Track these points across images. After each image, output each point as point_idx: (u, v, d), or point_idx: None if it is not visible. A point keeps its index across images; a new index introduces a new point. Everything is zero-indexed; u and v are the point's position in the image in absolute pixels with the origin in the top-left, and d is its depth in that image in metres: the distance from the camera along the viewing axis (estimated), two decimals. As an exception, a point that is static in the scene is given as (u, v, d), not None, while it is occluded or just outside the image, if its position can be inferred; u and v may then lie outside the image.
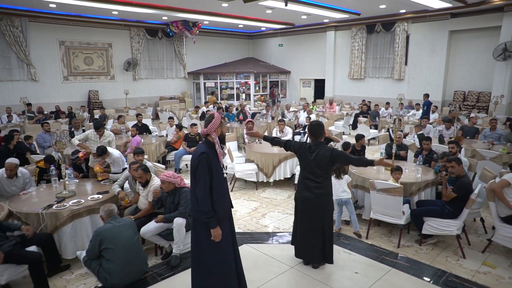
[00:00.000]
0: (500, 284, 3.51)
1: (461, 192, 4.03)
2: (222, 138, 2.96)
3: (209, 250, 2.89)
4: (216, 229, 2.81)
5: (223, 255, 2.93)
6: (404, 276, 3.56)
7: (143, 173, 4.11)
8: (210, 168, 2.80)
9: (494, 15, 11.82)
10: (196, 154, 2.84)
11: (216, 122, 2.88)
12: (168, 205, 3.98)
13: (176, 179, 3.97)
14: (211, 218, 2.78)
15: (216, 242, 2.85)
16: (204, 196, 2.78)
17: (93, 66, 14.94)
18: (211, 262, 2.90)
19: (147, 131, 8.86)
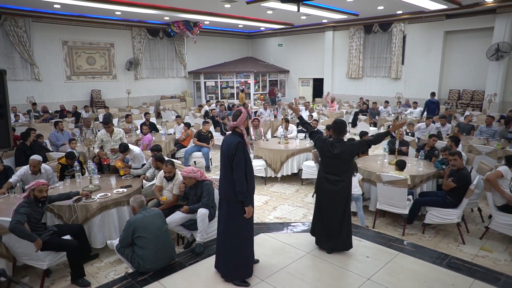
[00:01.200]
0: (496, 266, 3.86)
1: (461, 183, 4.37)
2: (247, 130, 3.45)
3: (242, 226, 3.42)
4: (250, 207, 3.33)
5: (251, 231, 3.52)
6: (411, 259, 3.90)
7: (172, 168, 4.40)
8: (245, 156, 3.27)
9: (487, 16, 12.24)
10: (232, 143, 3.27)
11: (244, 116, 3.35)
12: (191, 197, 4.27)
13: (196, 173, 4.25)
14: (247, 197, 3.28)
15: (247, 219, 3.38)
16: (242, 179, 3.25)
17: (96, 66, 15.13)
18: (243, 237, 3.45)
19: (154, 129, 9.13)
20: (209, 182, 4.33)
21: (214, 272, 3.72)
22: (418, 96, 13.93)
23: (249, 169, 3.33)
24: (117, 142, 5.75)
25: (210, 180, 4.36)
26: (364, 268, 3.74)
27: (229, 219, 3.42)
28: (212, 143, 8.00)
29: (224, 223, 3.46)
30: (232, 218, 3.41)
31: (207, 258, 4.02)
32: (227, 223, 3.44)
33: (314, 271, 3.71)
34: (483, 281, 3.49)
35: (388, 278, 3.58)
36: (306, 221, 5.09)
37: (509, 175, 4.35)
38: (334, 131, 3.93)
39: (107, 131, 5.70)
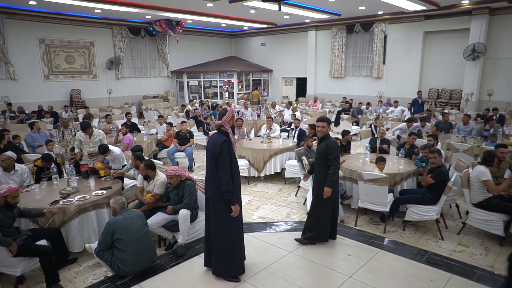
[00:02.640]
0: (473, 260, 3.96)
1: (439, 180, 4.47)
2: (233, 128, 3.43)
3: (229, 226, 3.41)
4: (236, 206, 3.33)
5: (239, 229, 3.49)
6: (392, 256, 3.96)
7: (144, 168, 4.34)
8: (230, 155, 3.27)
9: (464, 17, 12.57)
10: (217, 142, 3.28)
11: (229, 115, 3.36)
12: (173, 198, 4.20)
13: (181, 171, 4.20)
14: (232, 196, 3.28)
15: (234, 218, 3.38)
16: (227, 178, 3.26)
17: (75, 65, 14.78)
18: (231, 235, 3.43)
19: (136, 130, 8.98)
20: (192, 182, 4.28)
21: (196, 274, 3.69)
22: (399, 95, 14.19)
23: (235, 168, 3.34)
24: (96, 144, 5.64)
25: (193, 180, 4.31)
26: (346, 266, 3.78)
27: (216, 218, 3.42)
28: (191, 143, 7.91)
29: (212, 222, 3.47)
30: (219, 217, 3.42)
31: (189, 259, 3.98)
32: (214, 221, 3.44)
33: (296, 270, 3.71)
34: (460, 276, 3.58)
35: (369, 275, 3.62)
36: (289, 220, 5.10)
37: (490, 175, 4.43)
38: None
39: (86, 134, 5.62)
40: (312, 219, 4.19)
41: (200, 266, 3.81)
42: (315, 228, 4.18)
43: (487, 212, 4.36)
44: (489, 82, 12.60)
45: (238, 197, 3.42)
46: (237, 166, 3.40)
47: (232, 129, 3.43)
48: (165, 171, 4.18)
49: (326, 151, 3.97)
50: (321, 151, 4.05)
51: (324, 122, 4.13)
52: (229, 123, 3.39)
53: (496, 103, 11.40)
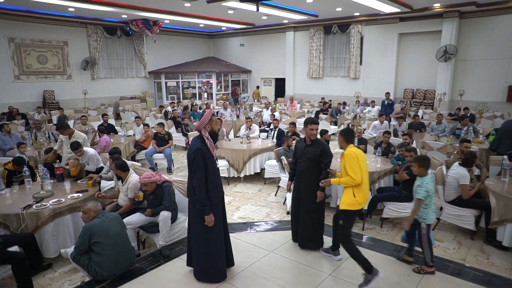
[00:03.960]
0: (446, 254, 4.10)
1: (414, 177, 4.56)
2: (213, 134, 3.27)
3: (204, 234, 3.29)
4: (210, 216, 3.20)
5: (216, 238, 3.33)
6: (370, 253, 4.03)
7: (114, 167, 4.26)
8: (205, 162, 3.15)
9: (436, 20, 13.01)
10: (192, 149, 3.18)
11: (204, 119, 3.20)
12: (151, 201, 4.13)
13: (155, 177, 4.10)
14: (205, 206, 3.16)
15: (209, 227, 3.25)
16: (199, 187, 3.14)
17: (48, 65, 14.31)
18: (209, 241, 3.31)
19: (113, 131, 8.78)
20: (169, 183, 4.22)
21: (176, 276, 3.64)
22: (376, 95, 14.51)
23: (212, 176, 3.21)
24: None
25: (169, 181, 4.25)
26: (326, 264, 3.83)
27: (195, 222, 3.36)
28: (170, 145, 7.81)
29: (191, 225, 3.43)
30: (196, 221, 3.34)
31: (169, 261, 3.93)
32: (193, 225, 3.39)
33: (276, 269, 3.73)
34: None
35: (348, 272, 3.68)
36: (269, 220, 5.12)
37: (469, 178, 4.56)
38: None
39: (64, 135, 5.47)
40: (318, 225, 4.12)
41: (181, 268, 3.77)
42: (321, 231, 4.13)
43: (460, 208, 4.52)
44: (461, 83, 13.09)
45: (216, 206, 3.27)
46: (215, 174, 3.25)
47: (212, 135, 3.25)
48: (139, 179, 4.05)
49: (321, 154, 3.90)
50: (314, 154, 3.93)
51: (316, 124, 4.02)
52: (207, 128, 3.20)
53: (467, 102, 11.86)
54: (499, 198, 4.15)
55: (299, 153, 4.09)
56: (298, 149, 4.13)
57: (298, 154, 4.11)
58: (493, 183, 4.62)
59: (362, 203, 3.47)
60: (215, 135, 3.33)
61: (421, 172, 3.58)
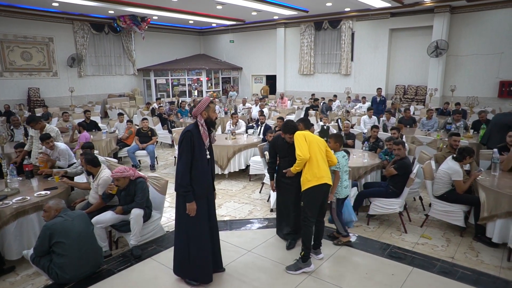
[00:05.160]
0: (434, 252, 3.90)
1: (402, 171, 4.40)
2: (209, 122, 3.11)
3: (186, 223, 3.12)
4: (191, 204, 3.03)
5: (198, 231, 3.13)
6: (354, 252, 3.83)
7: (84, 163, 4.00)
8: (193, 146, 2.99)
9: (427, 15, 12.86)
10: (182, 132, 3.06)
11: (201, 105, 3.06)
12: (123, 198, 3.88)
13: (129, 172, 3.87)
14: (187, 192, 3.00)
15: (192, 217, 3.06)
16: (183, 171, 3.00)
17: (33, 62, 13.94)
18: (188, 234, 3.13)
19: (96, 128, 8.49)
20: (143, 179, 3.98)
21: (146, 278, 3.41)
22: (367, 91, 14.32)
23: (198, 164, 3.04)
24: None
25: (143, 177, 4.00)
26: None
27: (177, 213, 3.20)
28: (154, 141, 7.56)
29: (175, 216, 3.25)
30: (179, 213, 3.17)
31: (140, 262, 3.68)
32: (176, 216, 3.22)
33: (253, 270, 3.51)
34: (421, 268, 3.49)
35: (329, 272, 3.47)
36: (251, 218, 4.90)
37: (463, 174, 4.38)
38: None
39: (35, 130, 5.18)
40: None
41: (152, 269, 3.54)
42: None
43: (449, 204, 4.33)
44: (452, 78, 12.96)
45: (200, 198, 3.08)
46: (202, 164, 3.06)
47: (208, 123, 3.08)
48: (112, 173, 3.82)
49: None
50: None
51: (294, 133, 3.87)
52: (203, 115, 3.05)
53: (458, 98, 11.71)
54: (489, 192, 3.96)
55: (283, 151, 3.89)
56: (280, 147, 3.90)
57: (282, 153, 3.92)
58: (483, 177, 4.43)
59: (312, 180, 3.42)
60: (212, 124, 3.14)
61: (335, 147, 3.93)
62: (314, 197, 3.45)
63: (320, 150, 3.53)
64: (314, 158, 3.46)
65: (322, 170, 3.43)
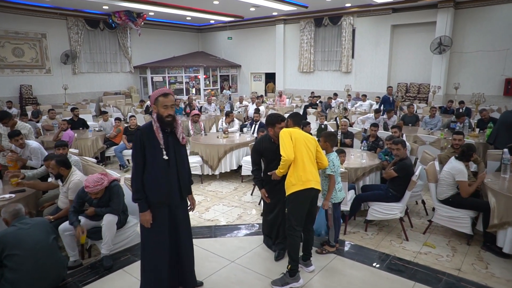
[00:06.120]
0: (438, 263, 3.52)
1: (402, 173, 4.02)
2: (160, 119, 2.62)
3: (142, 234, 2.78)
4: (144, 214, 2.65)
5: (154, 244, 2.75)
6: (349, 263, 3.45)
7: (55, 165, 3.59)
8: (143, 146, 2.61)
9: (430, 11, 12.44)
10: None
11: (151, 98, 2.67)
12: (95, 205, 3.50)
13: (104, 181, 3.42)
14: (138, 200, 2.65)
15: (149, 228, 2.69)
16: (134, 175, 2.65)
17: (25, 58, 13.58)
18: (143, 246, 2.80)
19: (84, 126, 8.12)
20: (117, 182, 3.61)
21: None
22: (368, 89, 13.95)
23: (150, 168, 2.63)
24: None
25: (117, 180, 3.63)
26: (295, 276, 3.23)
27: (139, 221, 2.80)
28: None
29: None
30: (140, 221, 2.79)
31: (111, 274, 3.32)
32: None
33: (235, 284, 3.13)
34: (424, 284, 3.10)
35: (320, 286, 3.09)
36: (239, 223, 4.52)
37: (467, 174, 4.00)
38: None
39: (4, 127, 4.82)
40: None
41: (123, 282, 3.17)
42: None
43: (454, 209, 3.95)
44: (456, 76, 12.54)
45: (157, 207, 2.68)
46: (154, 168, 2.63)
47: (159, 120, 2.61)
48: (85, 186, 3.35)
49: None
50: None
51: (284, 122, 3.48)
52: (154, 109, 2.63)
53: (462, 96, 11.33)
54: (500, 197, 3.57)
55: (270, 155, 3.43)
56: (268, 150, 3.45)
57: (269, 156, 3.46)
58: (492, 180, 4.05)
59: (296, 184, 3.03)
60: (163, 122, 2.63)
61: (326, 148, 3.55)
62: (299, 203, 3.06)
63: (308, 150, 3.13)
64: (300, 159, 3.06)
65: (308, 173, 3.04)
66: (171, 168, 2.69)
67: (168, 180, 2.69)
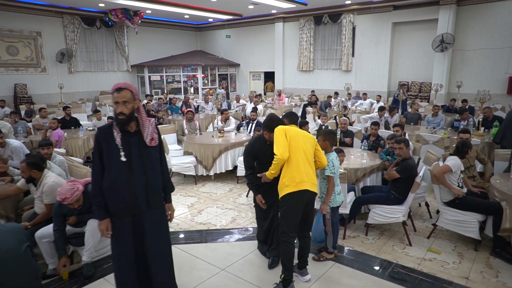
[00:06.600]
0: (444, 271, 3.28)
1: (405, 174, 3.78)
2: (115, 116, 2.32)
3: (112, 244, 2.53)
4: (101, 223, 2.40)
5: (121, 256, 2.50)
6: (348, 271, 3.21)
7: (26, 168, 3.27)
8: (101, 148, 2.34)
9: (432, 8, 12.18)
10: None
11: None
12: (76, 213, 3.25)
13: (77, 186, 3.12)
14: (96, 206, 2.41)
15: (114, 240, 2.47)
16: (92, 178, 2.42)
17: (19, 57, 13.33)
18: (113, 257, 2.57)
19: (76, 125, 7.89)
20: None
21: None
22: (369, 88, 13.70)
23: (107, 174, 2.34)
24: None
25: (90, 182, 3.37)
26: (290, 286, 2.98)
27: None
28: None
29: None
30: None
31: (91, 283, 3.08)
32: None
33: (226, 295, 2.90)
34: (430, 295, 2.87)
35: (318, 297, 2.86)
36: (233, 226, 4.28)
37: (460, 168, 3.79)
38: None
39: None
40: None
41: (103, 293, 2.93)
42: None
43: (461, 212, 3.71)
44: (458, 74, 12.29)
45: (118, 215, 2.40)
46: (112, 172, 2.33)
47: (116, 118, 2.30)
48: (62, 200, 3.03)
49: None
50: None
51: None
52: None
53: (465, 95, 11.09)
54: (510, 200, 3.33)
55: (264, 156, 3.16)
56: (262, 152, 3.20)
57: (263, 158, 3.19)
58: (501, 182, 3.81)
59: (289, 185, 2.79)
60: (116, 119, 2.30)
61: (326, 147, 3.30)
62: (292, 207, 2.82)
63: (304, 149, 2.89)
64: (294, 158, 2.82)
65: (303, 174, 2.80)
66: (135, 173, 2.36)
67: (130, 187, 2.36)
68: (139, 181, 2.38)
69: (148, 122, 2.42)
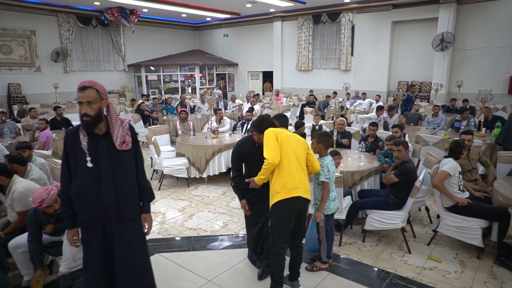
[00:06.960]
0: (446, 281, 3.09)
1: (404, 178, 3.59)
2: (80, 117, 2.11)
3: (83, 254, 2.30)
4: (68, 232, 2.23)
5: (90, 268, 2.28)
6: (343, 282, 3.01)
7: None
8: (67, 152, 2.15)
9: (432, 6, 11.99)
10: None
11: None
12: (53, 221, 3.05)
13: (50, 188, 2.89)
14: (65, 212, 2.23)
15: (84, 249, 2.26)
16: (60, 184, 2.25)
17: (13, 56, 13.13)
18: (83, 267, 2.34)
19: (67, 125, 7.71)
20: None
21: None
22: (368, 88, 13.51)
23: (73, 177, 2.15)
24: None
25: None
26: (281, 299, 2.79)
27: None
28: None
29: None
30: None
31: (69, 296, 2.89)
32: None
33: (211, 309, 2.71)
34: (430, 309, 2.68)
35: (310, 312, 2.67)
36: (224, 232, 4.08)
37: (458, 169, 3.61)
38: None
39: None
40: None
41: (81, 306, 2.74)
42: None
43: (463, 218, 3.52)
44: (459, 74, 12.10)
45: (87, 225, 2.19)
46: (81, 175, 2.12)
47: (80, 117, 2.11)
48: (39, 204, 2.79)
49: None
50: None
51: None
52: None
53: (465, 95, 10.89)
54: (517, 206, 3.14)
55: (253, 158, 2.99)
56: (250, 154, 3.01)
57: (251, 160, 3.01)
58: (505, 185, 3.62)
59: (281, 192, 2.59)
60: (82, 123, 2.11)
61: (320, 150, 3.11)
62: (284, 215, 2.63)
63: (296, 153, 2.70)
64: (286, 163, 2.63)
65: (296, 179, 2.61)
66: (104, 179, 2.14)
67: (98, 195, 2.14)
68: (108, 188, 2.15)
69: (120, 123, 2.21)
